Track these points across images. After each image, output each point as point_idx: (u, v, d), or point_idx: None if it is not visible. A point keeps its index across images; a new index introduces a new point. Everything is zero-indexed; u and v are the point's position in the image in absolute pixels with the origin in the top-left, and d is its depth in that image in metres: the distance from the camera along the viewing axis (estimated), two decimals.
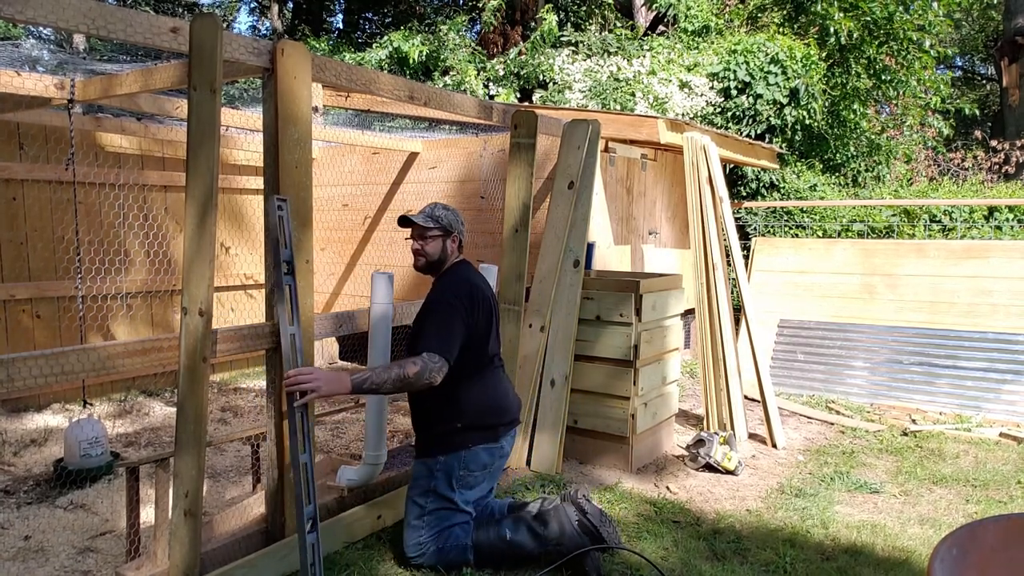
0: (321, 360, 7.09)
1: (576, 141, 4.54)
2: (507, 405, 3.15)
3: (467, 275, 3.14)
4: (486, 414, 3.06)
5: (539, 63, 9.69)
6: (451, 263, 3.17)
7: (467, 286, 3.06)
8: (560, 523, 2.99)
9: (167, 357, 2.69)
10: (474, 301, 3.02)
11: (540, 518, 3.03)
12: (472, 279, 3.13)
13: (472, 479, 3.05)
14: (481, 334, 3.06)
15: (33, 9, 2.31)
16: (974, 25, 19.92)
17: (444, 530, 2.99)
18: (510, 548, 2.98)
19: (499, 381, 3.18)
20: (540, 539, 2.98)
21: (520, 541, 2.98)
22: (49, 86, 4.15)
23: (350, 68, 3.33)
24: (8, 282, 5.21)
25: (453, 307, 2.96)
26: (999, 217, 7.29)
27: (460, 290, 3.03)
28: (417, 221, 3.13)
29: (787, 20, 10.10)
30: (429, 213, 3.14)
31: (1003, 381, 5.51)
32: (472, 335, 3.00)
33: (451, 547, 2.97)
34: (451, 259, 3.18)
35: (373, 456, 3.44)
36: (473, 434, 3.02)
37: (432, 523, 2.99)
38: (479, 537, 2.99)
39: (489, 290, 3.22)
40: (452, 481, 3.01)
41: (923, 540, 3.37)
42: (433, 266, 3.16)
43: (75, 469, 3.86)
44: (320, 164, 6.87)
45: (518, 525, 3.02)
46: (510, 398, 3.19)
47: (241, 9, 20.09)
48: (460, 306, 2.96)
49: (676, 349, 4.67)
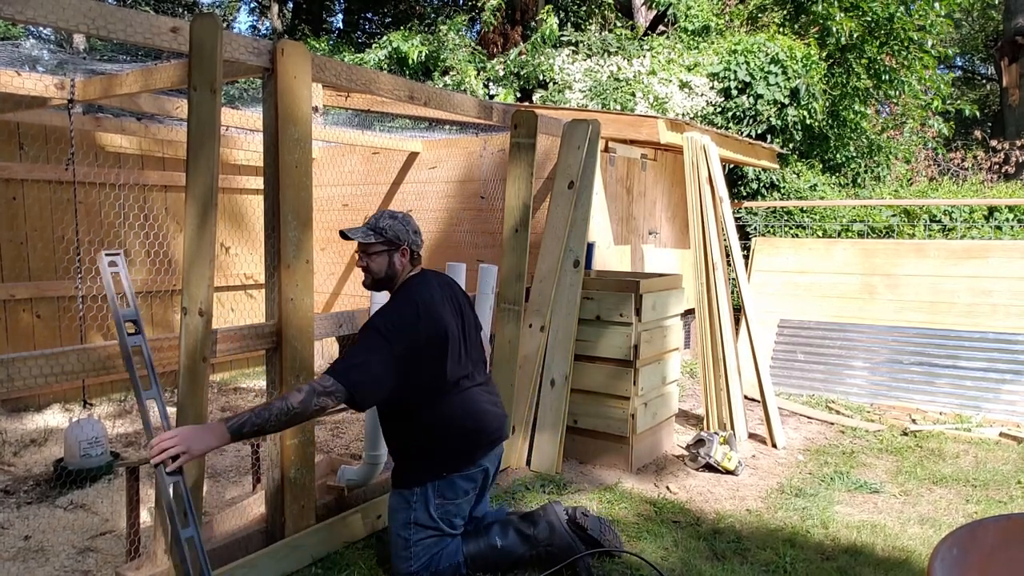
0: (321, 360, 7.09)
1: (576, 141, 4.54)
2: (482, 426, 2.88)
3: (415, 295, 2.80)
4: (456, 439, 2.82)
5: (539, 63, 9.69)
6: (404, 278, 2.88)
7: (411, 308, 2.74)
8: (549, 522, 2.96)
9: (167, 357, 2.69)
10: (415, 327, 2.70)
11: (528, 518, 3.01)
12: (420, 298, 2.79)
13: (453, 507, 2.85)
14: (431, 357, 2.75)
15: (33, 9, 2.31)
16: (974, 25, 19.92)
17: (435, 556, 2.82)
18: (501, 555, 2.92)
19: (470, 402, 2.87)
20: (529, 540, 2.94)
21: (510, 547, 2.93)
22: (49, 86, 4.15)
23: (350, 68, 3.33)
24: (8, 282, 5.21)
25: (379, 335, 2.64)
26: (999, 217, 7.29)
27: (398, 316, 2.72)
28: (355, 236, 2.82)
29: (787, 20, 10.10)
30: (372, 225, 2.84)
31: (1003, 381, 5.50)
32: (415, 361, 2.69)
33: (444, 569, 2.84)
34: (403, 274, 2.88)
35: (373, 456, 3.44)
36: (448, 461, 2.81)
37: (420, 553, 2.80)
38: (470, 550, 2.89)
39: (453, 306, 2.93)
40: (430, 510, 2.80)
41: (923, 540, 3.37)
42: (382, 283, 2.89)
43: (75, 469, 3.86)
44: (320, 164, 6.87)
45: (506, 529, 2.96)
46: (487, 418, 2.90)
47: (241, 9, 20.12)
48: (389, 335, 2.64)
49: (676, 349, 4.68)
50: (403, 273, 2.89)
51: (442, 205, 6.14)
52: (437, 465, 2.82)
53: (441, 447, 2.81)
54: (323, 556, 3.09)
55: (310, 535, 3.06)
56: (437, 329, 2.77)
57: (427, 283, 2.89)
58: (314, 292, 3.12)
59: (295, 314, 3.01)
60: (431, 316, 2.77)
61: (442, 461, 2.82)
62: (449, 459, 2.82)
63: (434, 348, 2.76)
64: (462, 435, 2.84)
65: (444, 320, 2.81)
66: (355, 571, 3.00)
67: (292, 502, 3.03)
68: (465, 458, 2.84)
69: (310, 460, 3.09)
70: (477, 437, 2.87)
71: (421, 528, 2.82)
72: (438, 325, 2.78)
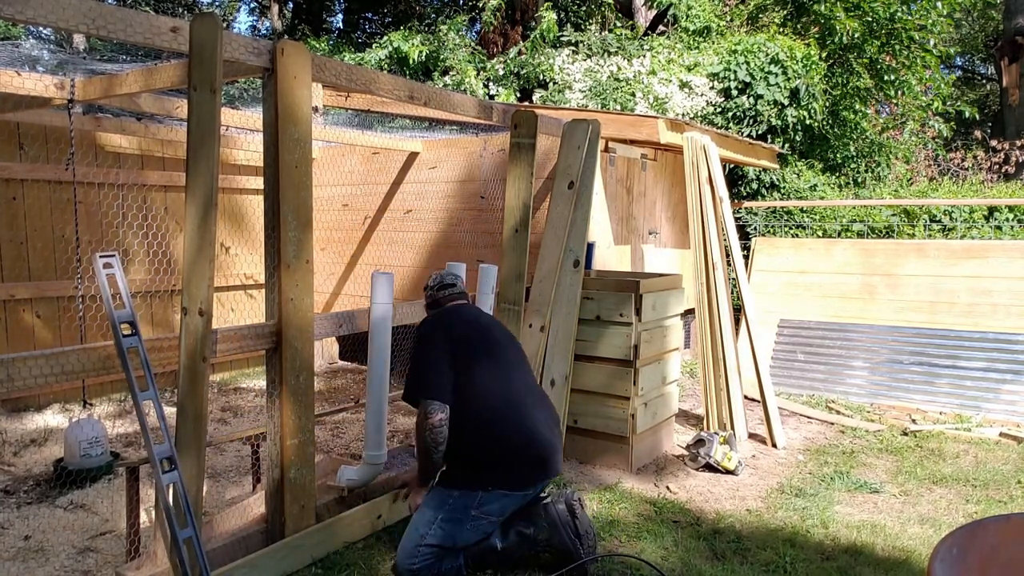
0: (321, 360, 7.09)
1: (576, 141, 4.54)
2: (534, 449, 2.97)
3: (434, 315, 3.22)
4: (507, 456, 2.93)
5: (539, 63, 9.69)
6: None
7: (430, 324, 3.13)
8: (550, 523, 2.96)
9: (167, 357, 2.69)
10: (443, 332, 3.06)
11: (528, 517, 3.01)
12: (440, 314, 3.20)
13: (486, 523, 2.91)
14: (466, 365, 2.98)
15: (33, 9, 2.31)
16: (974, 25, 19.91)
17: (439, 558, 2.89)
18: (502, 556, 2.96)
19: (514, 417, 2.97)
20: (529, 541, 2.96)
21: (510, 548, 2.96)
22: (49, 86, 4.15)
23: (350, 68, 3.33)
24: (8, 282, 5.21)
25: (421, 342, 3.03)
26: (999, 217, 7.29)
27: (424, 328, 3.11)
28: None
29: (788, 20, 10.10)
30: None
31: (1003, 381, 5.50)
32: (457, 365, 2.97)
33: (446, 570, 2.87)
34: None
35: (373, 456, 3.43)
36: (496, 477, 2.91)
37: (427, 554, 2.84)
38: (471, 552, 2.94)
39: (477, 329, 3.17)
40: (463, 516, 2.87)
41: (923, 540, 3.37)
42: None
43: (75, 469, 3.87)
44: (320, 164, 6.87)
45: (507, 531, 2.99)
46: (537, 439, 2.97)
47: (241, 9, 20.11)
48: (427, 339, 3.03)
49: (676, 349, 4.68)
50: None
51: (442, 205, 6.14)
52: (484, 478, 2.89)
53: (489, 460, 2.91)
54: (323, 556, 3.09)
55: (310, 535, 3.06)
56: (463, 337, 3.07)
57: (445, 312, 3.22)
58: (314, 292, 3.12)
59: (295, 314, 3.01)
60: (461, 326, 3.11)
61: (490, 474, 2.90)
62: (498, 474, 2.91)
63: (466, 354, 3.01)
64: (513, 453, 2.92)
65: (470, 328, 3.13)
66: (355, 571, 3.00)
67: (292, 502, 3.03)
68: (515, 478, 2.93)
69: (310, 460, 3.09)
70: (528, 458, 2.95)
71: (440, 531, 2.84)
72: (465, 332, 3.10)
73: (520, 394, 3.02)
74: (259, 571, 2.86)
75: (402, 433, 4.93)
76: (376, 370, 3.42)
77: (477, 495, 2.87)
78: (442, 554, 2.86)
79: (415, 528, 2.88)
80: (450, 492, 2.90)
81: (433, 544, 2.84)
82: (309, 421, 3.07)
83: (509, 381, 3.02)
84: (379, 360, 3.42)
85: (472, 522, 2.87)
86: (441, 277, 3.32)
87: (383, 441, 3.44)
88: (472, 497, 2.87)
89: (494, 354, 3.05)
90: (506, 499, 2.91)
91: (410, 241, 6.32)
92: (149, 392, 2.51)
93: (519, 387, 3.05)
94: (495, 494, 2.88)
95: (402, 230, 6.39)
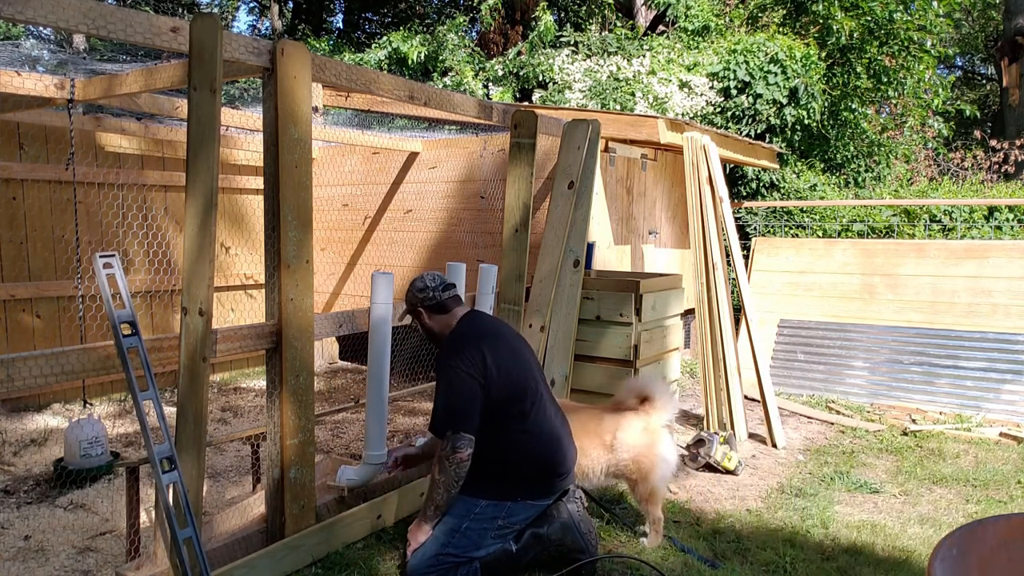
0: (321, 360, 7.09)
1: (576, 141, 4.54)
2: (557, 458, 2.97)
3: (456, 333, 3.00)
4: (533, 468, 2.92)
5: (539, 63, 9.69)
6: (448, 330, 3.04)
7: (457, 344, 2.93)
8: (563, 523, 2.97)
9: (167, 357, 2.69)
10: (475, 353, 2.87)
11: (539, 518, 3.00)
12: (462, 332, 2.98)
13: (509, 532, 2.91)
14: (501, 382, 2.87)
15: (33, 9, 2.31)
16: (974, 25, 19.90)
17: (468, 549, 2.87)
18: (516, 558, 2.95)
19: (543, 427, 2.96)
20: (542, 541, 2.96)
21: (523, 548, 2.95)
22: (49, 86, 4.16)
23: (350, 68, 3.33)
24: (8, 282, 5.21)
25: (450, 369, 2.83)
26: (999, 217, 7.29)
27: (451, 350, 2.91)
28: (405, 321, 3.27)
29: (787, 20, 10.10)
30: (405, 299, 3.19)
31: (1003, 381, 5.50)
32: (488, 388, 2.83)
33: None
34: (445, 327, 3.05)
35: (373, 456, 3.44)
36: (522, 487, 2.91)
37: (444, 562, 2.82)
38: (485, 558, 2.91)
39: (501, 329, 3.10)
40: (487, 526, 2.86)
41: (923, 540, 3.37)
42: (435, 340, 3.12)
43: (75, 469, 3.86)
44: (320, 164, 6.87)
45: (520, 533, 2.97)
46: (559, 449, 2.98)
47: (241, 9, 20.12)
48: (456, 366, 2.83)
49: (676, 349, 4.68)
50: (444, 327, 3.05)
51: (442, 205, 6.14)
52: (516, 490, 2.90)
53: (516, 471, 2.91)
54: (323, 556, 3.09)
55: (310, 535, 3.06)
56: (493, 350, 2.94)
57: (465, 323, 3.05)
58: (314, 292, 3.12)
59: (295, 314, 3.01)
60: (487, 340, 2.96)
61: (521, 488, 2.91)
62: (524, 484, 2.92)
63: (500, 367, 2.91)
64: (539, 465, 2.92)
65: (501, 340, 3.00)
66: (355, 571, 3.00)
67: (292, 502, 3.03)
68: (540, 488, 2.95)
69: (310, 460, 3.09)
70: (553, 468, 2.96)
71: (464, 540, 2.84)
72: (496, 345, 2.97)
73: (551, 411, 3.02)
74: (259, 571, 2.86)
75: (402, 433, 4.93)
76: (376, 370, 3.43)
77: (506, 505, 2.88)
78: (460, 562, 2.85)
79: (434, 538, 2.85)
80: (477, 501, 2.87)
81: (454, 553, 2.82)
82: (309, 421, 3.07)
83: (540, 397, 2.99)
84: (379, 360, 3.42)
85: (497, 531, 2.89)
86: (440, 277, 3.18)
87: (383, 441, 3.45)
88: (501, 507, 2.87)
89: (527, 373, 2.99)
90: (532, 509, 2.94)
91: (410, 241, 6.32)
92: (149, 392, 2.51)
93: (548, 402, 3.04)
94: (522, 504, 2.91)
95: (402, 230, 6.39)
